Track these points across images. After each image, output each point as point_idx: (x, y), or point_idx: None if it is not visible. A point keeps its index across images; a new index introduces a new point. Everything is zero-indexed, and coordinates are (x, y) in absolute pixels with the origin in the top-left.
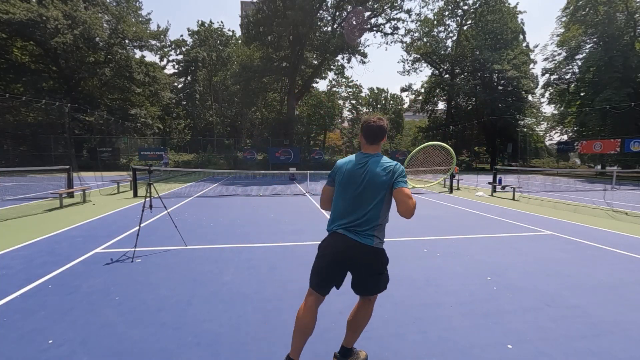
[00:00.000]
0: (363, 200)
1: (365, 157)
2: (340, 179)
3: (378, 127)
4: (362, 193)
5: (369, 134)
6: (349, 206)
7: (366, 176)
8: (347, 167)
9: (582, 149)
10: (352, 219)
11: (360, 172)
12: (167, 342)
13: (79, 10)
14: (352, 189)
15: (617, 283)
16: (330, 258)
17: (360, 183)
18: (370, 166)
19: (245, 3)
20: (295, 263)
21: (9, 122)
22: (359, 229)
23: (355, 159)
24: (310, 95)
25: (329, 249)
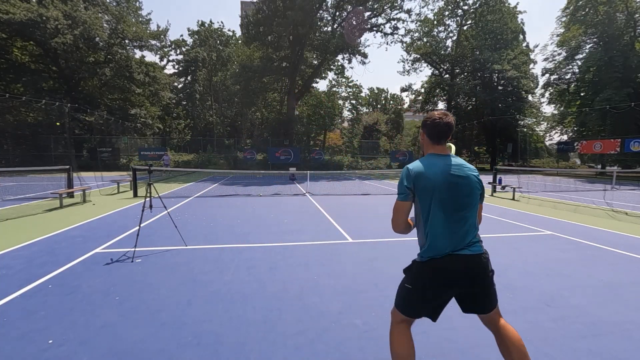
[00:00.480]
0: (468, 209)
1: (449, 160)
2: (432, 189)
3: (446, 124)
4: (465, 202)
5: (436, 132)
6: (453, 219)
7: (466, 181)
8: (434, 171)
9: (582, 149)
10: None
11: (458, 178)
12: (167, 342)
13: (79, 10)
14: (453, 198)
15: (617, 283)
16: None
17: (461, 190)
18: (464, 170)
19: (245, 3)
20: (295, 263)
21: (9, 122)
22: (470, 241)
23: (439, 162)
24: (310, 95)
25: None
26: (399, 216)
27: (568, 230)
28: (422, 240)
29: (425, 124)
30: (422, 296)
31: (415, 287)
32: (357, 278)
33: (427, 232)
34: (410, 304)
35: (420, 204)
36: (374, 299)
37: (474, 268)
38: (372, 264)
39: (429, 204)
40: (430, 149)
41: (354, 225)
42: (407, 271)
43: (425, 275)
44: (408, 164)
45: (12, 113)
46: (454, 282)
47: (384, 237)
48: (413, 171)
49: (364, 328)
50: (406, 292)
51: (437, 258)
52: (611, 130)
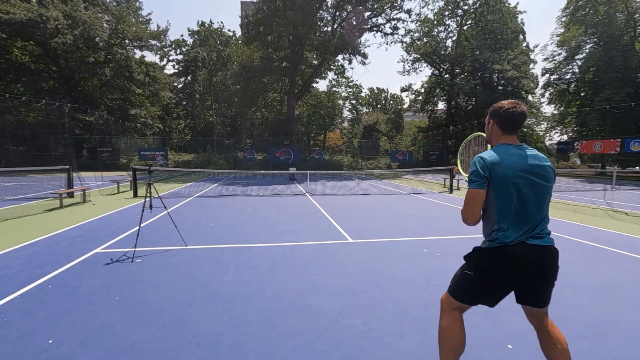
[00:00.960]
0: (544, 200)
1: (524, 150)
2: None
3: (520, 114)
4: (542, 193)
5: (510, 122)
6: (529, 210)
7: (543, 171)
8: (511, 161)
9: (582, 149)
10: (536, 223)
11: (537, 168)
12: (167, 342)
13: (79, 11)
14: (532, 188)
15: (617, 283)
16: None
17: (539, 180)
18: (542, 160)
19: (245, 3)
20: (295, 263)
21: (9, 122)
22: (544, 232)
23: (516, 152)
24: (310, 95)
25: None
26: (475, 205)
27: (568, 230)
28: (492, 228)
29: (496, 113)
30: (485, 283)
31: (478, 274)
32: (357, 278)
33: (499, 220)
34: (471, 291)
35: (494, 193)
36: (374, 299)
37: (544, 258)
38: (372, 264)
39: (504, 193)
40: (504, 139)
41: (354, 225)
42: (468, 258)
43: (492, 262)
44: (480, 154)
45: (12, 113)
46: (523, 270)
47: (384, 237)
48: (489, 160)
49: (364, 328)
50: (466, 279)
51: (509, 245)
52: (611, 130)
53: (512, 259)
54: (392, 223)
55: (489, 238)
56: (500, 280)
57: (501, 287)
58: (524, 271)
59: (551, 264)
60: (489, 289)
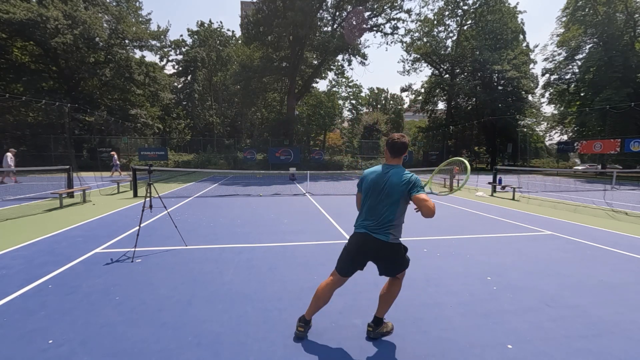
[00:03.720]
0: (382, 205)
1: (388, 168)
2: (366, 187)
3: (401, 144)
4: (382, 199)
5: (393, 149)
6: (371, 209)
7: (387, 184)
8: (372, 176)
9: (582, 149)
10: (373, 220)
11: (383, 180)
12: (167, 342)
13: (79, 10)
14: (375, 195)
15: (617, 283)
16: (356, 251)
17: (381, 190)
18: (392, 177)
19: (245, 3)
20: (295, 263)
21: (9, 122)
22: (378, 229)
23: (381, 169)
24: (310, 95)
25: (355, 244)
26: (356, 201)
27: (568, 230)
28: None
29: (387, 142)
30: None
31: (345, 247)
32: (357, 278)
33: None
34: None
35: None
36: (374, 299)
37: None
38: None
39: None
40: (388, 160)
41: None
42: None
43: (351, 239)
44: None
45: (12, 113)
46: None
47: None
48: (364, 174)
49: (364, 328)
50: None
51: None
52: (611, 130)
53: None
54: None
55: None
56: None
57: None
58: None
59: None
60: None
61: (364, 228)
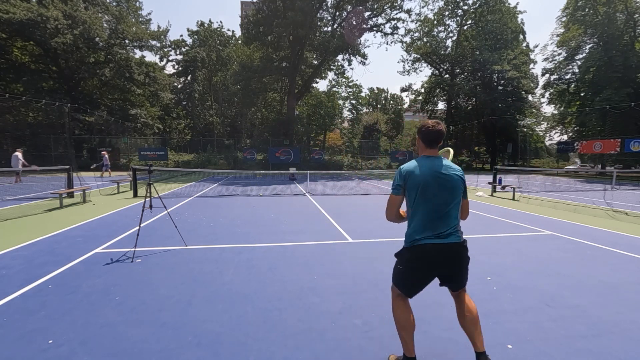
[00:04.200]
0: (448, 204)
1: (436, 161)
2: (418, 185)
3: (437, 132)
4: (447, 198)
5: (428, 138)
6: (434, 212)
7: (448, 180)
8: (421, 172)
9: (582, 149)
10: (441, 224)
11: (442, 175)
12: (167, 342)
13: (79, 10)
14: (436, 193)
15: (617, 283)
16: (427, 267)
17: (444, 187)
18: (449, 170)
19: (245, 3)
20: (295, 263)
21: (9, 122)
22: (449, 232)
23: (428, 163)
24: (310, 95)
25: (424, 260)
26: (392, 208)
27: (568, 230)
28: (408, 230)
29: (421, 131)
30: (410, 276)
31: (407, 267)
32: (357, 278)
33: (413, 220)
34: (403, 283)
35: (407, 199)
36: (374, 299)
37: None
38: (372, 264)
39: (414, 198)
40: (425, 152)
41: (354, 225)
42: (397, 256)
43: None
44: (405, 164)
45: (12, 113)
46: (431, 266)
47: (384, 237)
48: (404, 171)
49: (364, 328)
50: (399, 273)
51: (417, 245)
52: (611, 131)
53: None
54: (392, 223)
55: (406, 238)
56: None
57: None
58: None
59: (455, 257)
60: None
61: (433, 236)
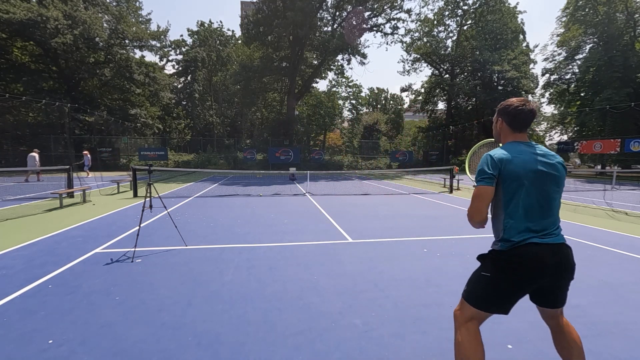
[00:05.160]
0: (553, 198)
1: (532, 147)
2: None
3: (529, 111)
4: (553, 190)
5: (517, 120)
6: (541, 206)
7: (554, 168)
8: (522, 158)
9: (582, 149)
10: (548, 221)
11: (546, 163)
12: (167, 342)
13: (79, 10)
14: (541, 186)
15: (617, 283)
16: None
17: (550, 178)
18: (553, 158)
19: (245, 3)
20: (295, 263)
21: (9, 122)
22: (556, 231)
23: (526, 150)
24: (310, 95)
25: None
26: (483, 202)
27: (568, 230)
28: (501, 228)
29: (505, 111)
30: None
31: (495, 276)
32: (357, 278)
33: (508, 220)
34: (490, 296)
35: (503, 192)
36: (374, 299)
37: (561, 259)
38: (372, 264)
39: (513, 192)
40: (514, 137)
41: (354, 225)
42: (482, 259)
43: (508, 265)
44: (496, 150)
45: (12, 113)
46: (540, 271)
47: (384, 237)
48: (498, 158)
49: (364, 328)
50: (484, 282)
51: (521, 246)
52: (611, 131)
53: (528, 259)
54: (392, 223)
55: (499, 238)
56: (516, 283)
57: (517, 290)
58: (540, 272)
59: (567, 262)
60: (505, 293)
61: (539, 236)
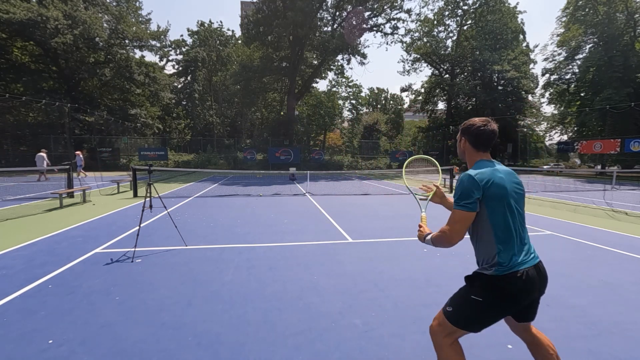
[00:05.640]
0: (523, 218)
1: (502, 166)
2: (499, 196)
3: (491, 131)
4: (521, 210)
5: (480, 139)
6: (517, 229)
7: (521, 190)
8: (500, 177)
9: (582, 149)
10: (526, 242)
11: (518, 185)
12: (167, 342)
13: (79, 10)
14: (518, 206)
15: (617, 283)
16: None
17: (522, 197)
18: (516, 178)
19: (245, 3)
20: (295, 263)
21: (9, 122)
22: (532, 249)
23: (498, 167)
24: (310, 95)
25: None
26: (463, 228)
27: (568, 230)
28: (493, 253)
29: (467, 131)
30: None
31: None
32: (357, 278)
33: (502, 239)
34: (478, 319)
35: (488, 214)
36: (374, 299)
37: (543, 279)
38: (372, 264)
39: (499, 214)
40: (480, 156)
41: (354, 225)
42: (472, 282)
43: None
44: (471, 171)
45: (12, 113)
46: (532, 292)
47: (384, 237)
48: (482, 178)
49: (364, 328)
50: (474, 306)
51: (517, 270)
52: (611, 131)
53: (524, 283)
54: (392, 223)
55: (492, 263)
56: (509, 307)
57: (507, 312)
58: (532, 293)
59: (546, 277)
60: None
61: (528, 259)
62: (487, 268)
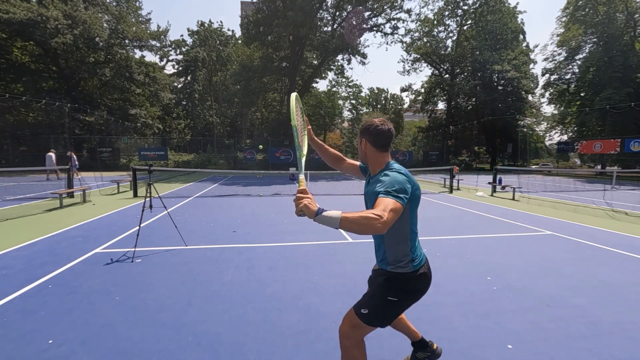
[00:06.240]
0: None
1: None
2: (418, 197)
3: (388, 130)
4: None
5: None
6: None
7: None
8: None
9: (582, 149)
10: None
11: None
12: (167, 342)
13: (79, 10)
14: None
15: (617, 283)
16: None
17: None
18: None
19: (245, 3)
20: (295, 263)
21: (9, 122)
22: None
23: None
24: (310, 95)
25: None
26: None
27: (568, 230)
28: (407, 250)
29: (367, 131)
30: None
31: (402, 299)
32: (357, 278)
33: (413, 238)
34: (392, 317)
35: (410, 213)
36: None
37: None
38: (372, 264)
39: (414, 212)
40: (386, 157)
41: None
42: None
43: (415, 286)
44: (399, 168)
45: (12, 113)
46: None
47: None
48: (408, 175)
49: None
50: (391, 306)
51: (422, 266)
52: (611, 130)
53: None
54: None
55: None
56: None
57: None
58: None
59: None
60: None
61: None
62: (402, 266)
